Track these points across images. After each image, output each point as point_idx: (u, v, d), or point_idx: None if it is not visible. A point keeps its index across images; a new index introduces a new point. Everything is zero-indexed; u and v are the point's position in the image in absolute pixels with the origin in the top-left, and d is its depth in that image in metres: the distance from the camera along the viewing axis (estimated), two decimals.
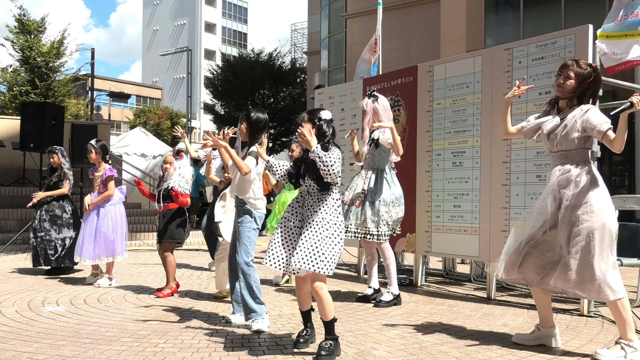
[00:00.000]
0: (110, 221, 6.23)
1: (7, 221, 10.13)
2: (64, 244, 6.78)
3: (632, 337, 3.45)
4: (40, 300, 5.27)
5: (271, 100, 29.31)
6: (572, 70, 3.59)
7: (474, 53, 5.86)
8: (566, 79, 3.61)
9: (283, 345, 3.77)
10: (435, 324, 4.46)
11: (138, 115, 43.82)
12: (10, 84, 22.52)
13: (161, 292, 5.56)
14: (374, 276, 5.44)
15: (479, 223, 5.50)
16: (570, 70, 3.60)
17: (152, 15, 68.89)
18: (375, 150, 5.22)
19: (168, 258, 5.57)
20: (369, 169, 5.27)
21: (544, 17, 16.18)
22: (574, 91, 3.61)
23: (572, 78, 3.59)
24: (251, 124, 4.31)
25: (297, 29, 44.99)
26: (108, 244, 6.19)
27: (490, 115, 5.44)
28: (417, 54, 21.54)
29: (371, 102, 5.23)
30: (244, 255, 4.24)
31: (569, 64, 3.62)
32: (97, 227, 6.18)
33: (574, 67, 3.60)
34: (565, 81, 3.61)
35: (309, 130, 3.56)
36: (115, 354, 3.55)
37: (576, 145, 3.56)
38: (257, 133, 4.30)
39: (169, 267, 5.57)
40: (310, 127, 3.62)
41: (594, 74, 3.63)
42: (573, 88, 3.60)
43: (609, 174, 15.47)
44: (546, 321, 3.79)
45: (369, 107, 5.23)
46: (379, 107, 5.21)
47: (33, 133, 10.65)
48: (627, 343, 3.44)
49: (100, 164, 6.34)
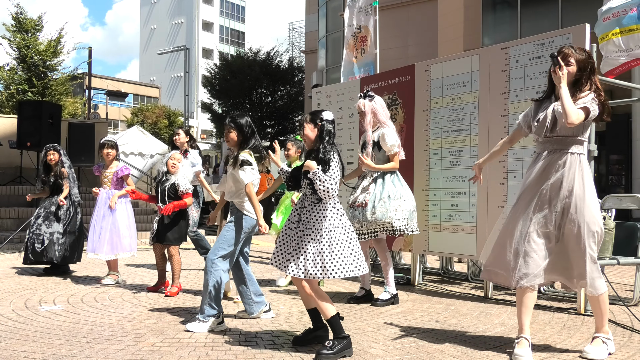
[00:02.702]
0: (120, 218, 6.24)
1: (4, 220, 10.11)
2: (52, 237, 6.68)
3: (607, 328, 3.60)
4: (37, 299, 5.26)
5: (269, 99, 29.28)
6: (573, 56, 3.56)
7: (471, 52, 5.87)
8: (568, 66, 3.54)
9: (281, 344, 3.77)
10: (433, 323, 4.47)
11: (135, 114, 43.75)
12: (7, 83, 22.47)
13: (169, 291, 5.59)
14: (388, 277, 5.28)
15: (476, 222, 5.51)
16: (571, 57, 3.56)
17: (150, 14, 68.77)
18: (379, 153, 5.18)
19: (175, 257, 5.61)
20: (374, 171, 5.22)
21: (541, 16, 16.20)
22: (578, 78, 3.55)
23: (573, 64, 3.55)
24: (240, 129, 4.26)
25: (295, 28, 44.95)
26: (123, 241, 6.22)
27: (488, 114, 5.45)
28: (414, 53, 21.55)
29: (368, 102, 5.20)
30: (213, 252, 4.18)
31: (568, 52, 3.56)
32: (113, 223, 6.20)
33: (574, 54, 3.55)
34: (567, 67, 3.52)
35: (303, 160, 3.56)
36: (112, 353, 3.54)
37: (574, 132, 3.52)
38: (249, 138, 4.26)
39: (177, 266, 5.62)
40: (312, 127, 3.63)
41: (591, 60, 3.60)
42: (574, 74, 3.55)
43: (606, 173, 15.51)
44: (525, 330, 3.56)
45: (367, 107, 5.18)
46: (377, 106, 5.19)
47: (30, 132, 10.65)
48: (605, 336, 3.57)
49: (112, 162, 6.36)
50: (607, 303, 3.58)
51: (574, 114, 3.36)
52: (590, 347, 3.55)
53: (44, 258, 6.67)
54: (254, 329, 4.19)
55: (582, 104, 3.45)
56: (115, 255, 6.22)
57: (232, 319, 4.52)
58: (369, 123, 5.20)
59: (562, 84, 3.43)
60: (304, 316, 4.62)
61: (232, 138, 4.29)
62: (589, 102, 3.47)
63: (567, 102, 3.38)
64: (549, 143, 3.59)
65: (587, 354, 3.51)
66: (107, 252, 6.17)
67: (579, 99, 3.49)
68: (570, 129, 3.49)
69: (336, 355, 3.42)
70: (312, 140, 3.63)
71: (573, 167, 3.49)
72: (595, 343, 3.56)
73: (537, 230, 3.51)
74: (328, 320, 3.54)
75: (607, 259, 5.00)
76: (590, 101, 3.48)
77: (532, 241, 3.50)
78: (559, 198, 3.49)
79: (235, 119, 4.30)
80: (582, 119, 3.41)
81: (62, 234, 6.75)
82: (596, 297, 3.53)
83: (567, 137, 3.53)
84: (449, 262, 7.17)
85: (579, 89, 3.55)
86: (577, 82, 3.56)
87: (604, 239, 4.96)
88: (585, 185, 3.48)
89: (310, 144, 3.65)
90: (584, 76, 3.56)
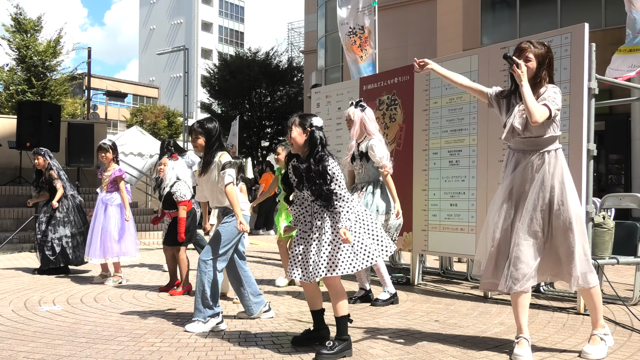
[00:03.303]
0: (117, 221, 6.24)
1: (4, 220, 10.10)
2: (61, 242, 6.76)
3: (603, 322, 3.58)
4: (37, 300, 5.26)
5: (268, 99, 29.28)
6: (531, 51, 3.48)
7: (470, 52, 5.87)
8: (526, 62, 3.46)
9: (280, 344, 3.77)
10: (432, 323, 4.46)
11: (135, 114, 43.73)
12: (6, 83, 22.49)
13: (173, 290, 5.61)
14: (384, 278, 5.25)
15: (475, 222, 5.51)
16: (528, 52, 3.48)
17: (149, 14, 68.77)
18: (367, 164, 5.13)
19: (181, 259, 5.65)
20: (364, 182, 5.18)
21: (540, 15, 16.21)
22: (537, 73, 3.48)
23: (532, 60, 3.48)
24: (208, 134, 4.25)
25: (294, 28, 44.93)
26: (115, 244, 6.20)
27: (487, 114, 5.44)
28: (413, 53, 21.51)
29: (359, 112, 5.10)
30: (206, 253, 4.17)
31: (526, 47, 3.49)
32: (103, 227, 6.20)
33: (532, 48, 3.48)
34: (527, 63, 3.46)
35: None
36: (111, 353, 3.54)
37: (545, 131, 3.46)
38: (215, 142, 4.26)
39: (183, 267, 5.65)
40: (300, 131, 3.57)
41: (549, 53, 3.53)
42: (535, 69, 3.48)
43: (606, 172, 15.52)
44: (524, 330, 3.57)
45: (356, 116, 5.08)
46: (367, 117, 5.09)
47: (29, 132, 10.63)
48: (603, 332, 3.56)
49: (111, 164, 6.36)
50: (599, 296, 3.56)
51: (537, 112, 3.31)
52: (590, 346, 3.54)
53: (60, 263, 6.77)
54: (254, 329, 4.19)
55: (543, 100, 3.39)
56: (105, 260, 6.22)
57: (231, 319, 4.52)
58: (356, 133, 5.11)
59: (522, 82, 3.36)
60: (303, 316, 4.62)
61: (200, 143, 4.29)
62: (550, 97, 3.41)
63: (530, 101, 3.32)
64: (523, 144, 3.54)
65: (587, 355, 3.50)
66: (99, 255, 6.18)
67: (540, 96, 3.44)
68: (541, 129, 3.44)
69: (336, 355, 3.42)
70: (299, 144, 3.56)
71: (551, 165, 3.45)
72: (594, 341, 3.56)
73: (524, 232, 3.47)
74: (337, 318, 3.51)
75: (606, 258, 5.00)
76: (552, 95, 3.41)
77: (520, 244, 3.46)
78: (541, 196, 3.46)
79: (203, 124, 4.31)
80: (546, 116, 3.35)
81: (71, 236, 6.78)
82: (588, 291, 3.50)
83: (539, 137, 3.47)
84: (449, 262, 7.17)
85: (539, 84, 3.49)
86: (536, 77, 3.48)
87: (603, 238, 5.00)
88: (565, 179, 3.45)
89: (297, 148, 3.59)
90: (542, 70, 3.49)
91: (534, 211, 3.47)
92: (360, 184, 5.22)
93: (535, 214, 3.47)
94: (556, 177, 3.45)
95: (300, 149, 3.58)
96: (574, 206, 3.44)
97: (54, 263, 6.74)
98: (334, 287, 3.52)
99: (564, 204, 3.43)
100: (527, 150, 3.52)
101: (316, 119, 3.59)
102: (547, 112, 3.35)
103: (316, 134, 3.53)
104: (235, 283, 4.49)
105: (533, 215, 3.47)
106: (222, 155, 4.24)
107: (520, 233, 3.47)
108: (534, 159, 3.48)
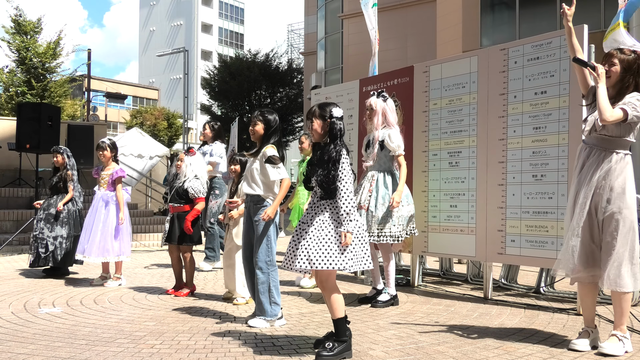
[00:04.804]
0: (116, 221, 6.21)
1: (3, 222, 10.10)
2: (55, 242, 6.71)
3: (625, 328, 3.61)
4: (37, 302, 5.25)
5: (268, 100, 29.34)
6: (617, 57, 3.62)
7: (470, 53, 5.87)
8: (611, 66, 3.61)
9: (280, 346, 3.77)
10: (432, 324, 4.46)
11: (134, 115, 43.79)
12: (6, 85, 22.49)
13: (180, 292, 5.59)
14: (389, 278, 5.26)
15: (475, 223, 5.51)
16: (614, 57, 3.63)
17: (149, 16, 68.84)
18: (382, 152, 5.20)
19: (188, 258, 5.60)
20: (375, 170, 5.26)
21: (539, 17, 16.23)
22: (623, 78, 3.61)
23: (617, 64, 3.61)
24: (268, 124, 4.32)
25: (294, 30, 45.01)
26: (114, 244, 6.19)
27: (487, 115, 5.45)
28: (413, 54, 21.58)
29: (382, 102, 5.21)
30: (264, 254, 4.22)
31: (613, 52, 3.66)
32: (104, 225, 6.18)
33: (618, 54, 3.63)
34: (610, 68, 3.61)
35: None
36: (111, 355, 3.54)
37: (620, 133, 3.58)
38: (272, 134, 4.33)
39: (190, 267, 5.61)
40: (320, 123, 3.62)
41: (638, 60, 3.63)
42: (619, 74, 3.61)
43: None
44: (592, 322, 3.77)
45: (379, 107, 5.19)
46: (387, 108, 5.21)
47: (29, 134, 10.62)
48: (623, 335, 3.58)
49: (110, 163, 6.35)
50: (629, 303, 3.61)
51: (607, 111, 3.45)
52: (607, 342, 3.57)
53: (51, 262, 6.72)
54: (254, 331, 4.19)
55: (622, 104, 3.52)
56: (105, 259, 6.20)
57: (231, 321, 4.52)
58: (379, 124, 5.21)
59: (599, 82, 3.53)
60: (303, 317, 4.62)
61: (258, 131, 4.35)
62: (630, 102, 3.52)
63: (602, 100, 3.48)
64: (597, 140, 3.66)
65: (602, 349, 3.53)
66: (97, 254, 6.15)
67: (623, 99, 3.56)
68: (617, 130, 3.56)
69: (336, 356, 3.41)
70: (320, 134, 3.64)
71: (616, 166, 3.56)
72: (611, 340, 3.57)
73: (584, 226, 3.61)
74: (335, 320, 3.52)
75: None
76: (634, 102, 3.52)
77: (579, 235, 3.61)
78: (601, 194, 3.57)
79: (263, 112, 4.38)
80: (618, 118, 3.47)
81: (67, 237, 6.77)
82: (618, 294, 3.55)
83: (612, 137, 3.60)
84: (449, 263, 7.16)
85: (626, 89, 3.62)
86: (623, 82, 3.63)
87: None
88: (627, 183, 3.55)
89: (317, 137, 3.67)
90: (629, 76, 3.61)
91: (593, 207, 3.60)
92: (370, 172, 5.27)
93: (593, 211, 3.60)
94: (619, 179, 3.55)
95: (320, 139, 3.66)
96: (626, 210, 3.53)
97: (43, 262, 6.68)
98: (325, 283, 3.52)
99: (617, 206, 3.53)
100: (599, 147, 3.65)
101: (336, 110, 3.63)
102: (620, 114, 3.48)
103: (336, 125, 3.59)
104: (250, 280, 4.46)
105: (592, 212, 3.60)
106: (268, 147, 4.29)
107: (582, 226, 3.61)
108: (604, 157, 3.61)
